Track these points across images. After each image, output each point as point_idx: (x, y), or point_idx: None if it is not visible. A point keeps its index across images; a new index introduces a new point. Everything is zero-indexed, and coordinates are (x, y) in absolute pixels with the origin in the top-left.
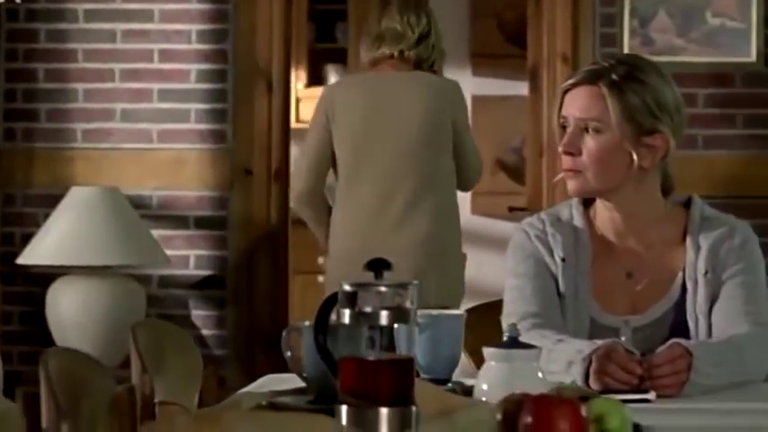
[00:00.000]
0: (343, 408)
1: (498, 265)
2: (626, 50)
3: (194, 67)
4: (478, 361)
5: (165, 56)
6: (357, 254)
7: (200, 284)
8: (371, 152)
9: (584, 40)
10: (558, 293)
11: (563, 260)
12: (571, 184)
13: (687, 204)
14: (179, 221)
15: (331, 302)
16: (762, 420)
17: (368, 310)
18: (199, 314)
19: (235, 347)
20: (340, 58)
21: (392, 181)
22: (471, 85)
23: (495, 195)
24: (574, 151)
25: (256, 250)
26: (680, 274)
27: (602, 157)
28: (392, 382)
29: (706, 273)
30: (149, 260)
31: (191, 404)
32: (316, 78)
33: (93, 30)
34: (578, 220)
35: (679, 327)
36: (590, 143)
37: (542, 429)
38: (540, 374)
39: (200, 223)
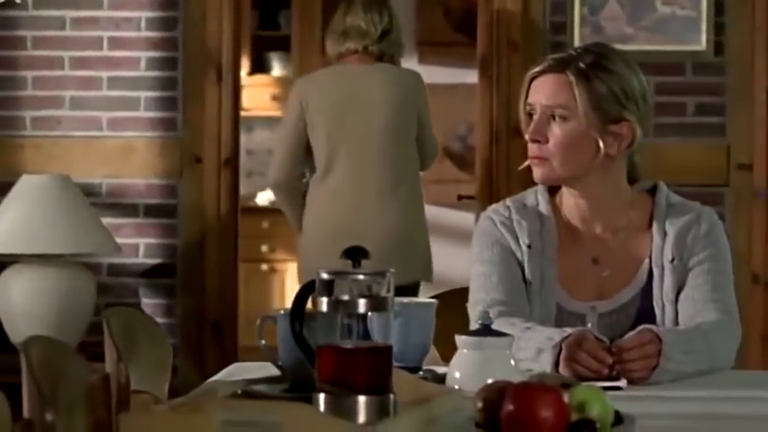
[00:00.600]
0: (321, 396)
1: (445, 253)
2: (576, 39)
3: (144, 55)
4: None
5: (115, 43)
6: (331, 242)
7: (149, 273)
8: (345, 142)
9: (535, 28)
10: (524, 280)
11: (529, 247)
12: (537, 172)
13: (653, 191)
14: (128, 210)
15: (307, 290)
16: (737, 408)
17: (345, 298)
18: (148, 302)
19: (184, 336)
20: (283, 45)
21: (365, 170)
22: None
23: (441, 183)
24: (540, 138)
25: (206, 239)
26: (646, 260)
27: (569, 144)
28: (370, 370)
29: (672, 260)
30: (100, 249)
31: (161, 393)
32: (259, 66)
33: (41, 17)
34: (544, 207)
35: (645, 313)
36: (556, 131)
37: (525, 417)
38: (512, 362)
39: (150, 211)
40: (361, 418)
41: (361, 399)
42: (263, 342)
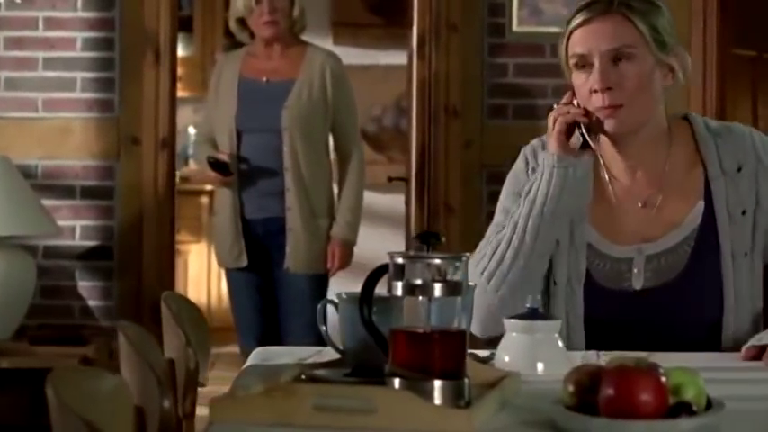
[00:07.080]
0: (396, 380)
1: (373, 236)
2: (514, 21)
3: (80, 35)
4: None
5: (51, 23)
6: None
7: (86, 255)
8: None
9: (473, 10)
10: None
11: None
12: (611, 123)
13: (685, 119)
14: (65, 191)
15: (377, 275)
16: None
17: (418, 282)
18: (85, 285)
19: (122, 318)
20: (186, 26)
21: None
22: None
23: None
24: (612, 85)
25: (143, 220)
26: (700, 202)
27: (642, 84)
28: (445, 354)
29: (744, 212)
30: (40, 230)
31: (203, 378)
32: None
33: None
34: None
35: (699, 258)
36: (629, 71)
37: (625, 401)
38: (561, 344)
39: (87, 193)
40: (437, 401)
41: (437, 383)
42: (324, 328)
